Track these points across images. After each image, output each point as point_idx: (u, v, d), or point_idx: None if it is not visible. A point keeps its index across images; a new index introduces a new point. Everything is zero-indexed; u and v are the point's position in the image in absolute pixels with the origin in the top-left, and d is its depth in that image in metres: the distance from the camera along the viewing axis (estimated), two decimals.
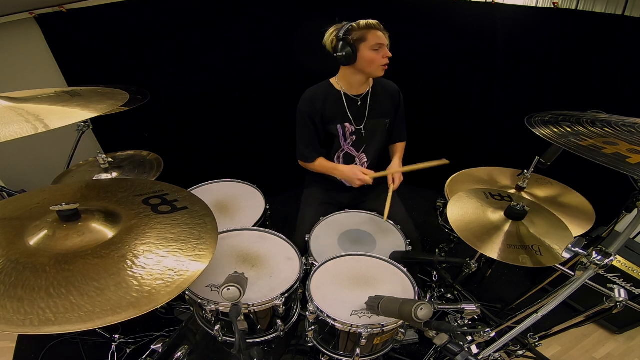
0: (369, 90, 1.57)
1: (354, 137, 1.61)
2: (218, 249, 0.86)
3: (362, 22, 1.41)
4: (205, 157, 2.41)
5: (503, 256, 1.12)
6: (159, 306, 0.70)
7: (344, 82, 1.55)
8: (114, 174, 1.53)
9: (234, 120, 2.42)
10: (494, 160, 1.75)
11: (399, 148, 1.75)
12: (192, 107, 2.26)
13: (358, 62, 1.44)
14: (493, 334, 0.97)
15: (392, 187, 1.53)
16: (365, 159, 1.68)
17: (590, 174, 1.54)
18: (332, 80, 1.58)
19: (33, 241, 0.81)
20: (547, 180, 1.61)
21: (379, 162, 1.73)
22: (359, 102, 1.57)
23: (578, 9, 1.77)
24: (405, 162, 1.77)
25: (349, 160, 1.67)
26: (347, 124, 1.58)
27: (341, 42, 1.41)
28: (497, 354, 0.97)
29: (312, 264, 1.27)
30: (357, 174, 1.50)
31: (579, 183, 1.57)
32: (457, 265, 1.29)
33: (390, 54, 1.45)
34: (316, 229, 1.45)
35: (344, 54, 1.41)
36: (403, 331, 1.13)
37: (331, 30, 1.46)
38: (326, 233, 1.45)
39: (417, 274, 1.67)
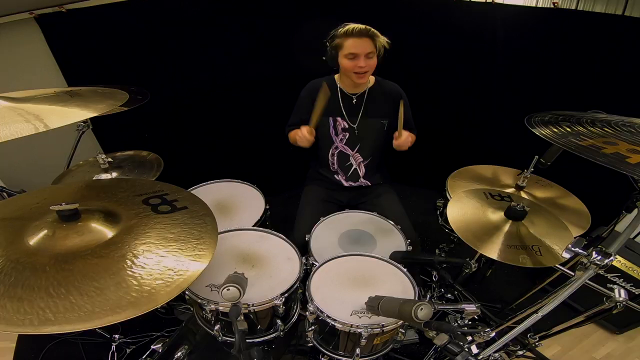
0: (365, 90, 1.58)
1: (347, 134, 1.62)
2: (218, 249, 0.86)
3: (342, 29, 1.38)
4: (205, 157, 2.41)
5: (503, 256, 1.12)
6: (158, 306, 0.70)
7: (341, 79, 1.59)
8: (114, 174, 1.53)
9: (233, 120, 2.42)
10: (494, 160, 1.75)
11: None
12: (192, 107, 2.26)
13: (339, 68, 1.49)
14: (493, 334, 0.96)
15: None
16: (361, 159, 1.68)
17: (589, 174, 1.53)
18: (336, 76, 1.62)
19: (33, 241, 0.81)
20: (546, 182, 1.61)
21: (377, 163, 1.73)
22: (354, 100, 1.58)
23: (578, 9, 1.77)
24: (405, 161, 1.77)
25: (343, 158, 1.68)
26: (339, 119, 1.59)
27: (327, 48, 1.46)
28: (497, 354, 0.96)
29: (312, 264, 1.27)
30: (302, 132, 1.45)
31: (577, 183, 1.57)
32: (457, 265, 1.29)
33: (363, 64, 1.38)
34: (316, 229, 1.45)
35: (326, 59, 1.47)
36: (403, 331, 1.13)
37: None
38: (326, 233, 1.45)
39: (417, 274, 1.67)
